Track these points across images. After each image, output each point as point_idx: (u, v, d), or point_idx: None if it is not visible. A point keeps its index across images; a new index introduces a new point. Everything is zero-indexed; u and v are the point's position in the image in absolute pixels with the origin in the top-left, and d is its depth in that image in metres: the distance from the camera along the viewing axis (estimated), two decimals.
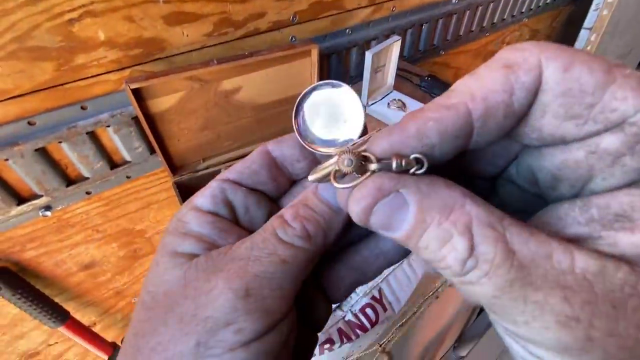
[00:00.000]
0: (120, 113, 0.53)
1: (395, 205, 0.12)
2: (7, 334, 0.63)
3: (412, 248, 0.13)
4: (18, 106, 0.45)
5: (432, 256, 0.12)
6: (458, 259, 0.11)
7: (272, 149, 0.18)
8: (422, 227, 0.12)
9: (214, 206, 0.17)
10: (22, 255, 0.57)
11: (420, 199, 0.12)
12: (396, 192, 0.12)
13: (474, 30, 1.04)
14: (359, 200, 0.13)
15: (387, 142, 0.12)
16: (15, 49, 0.42)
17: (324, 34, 0.68)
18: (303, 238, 0.15)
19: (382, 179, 0.12)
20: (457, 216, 0.11)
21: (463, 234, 0.11)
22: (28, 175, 0.50)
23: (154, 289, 0.15)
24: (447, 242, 0.11)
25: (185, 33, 0.53)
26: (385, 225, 0.13)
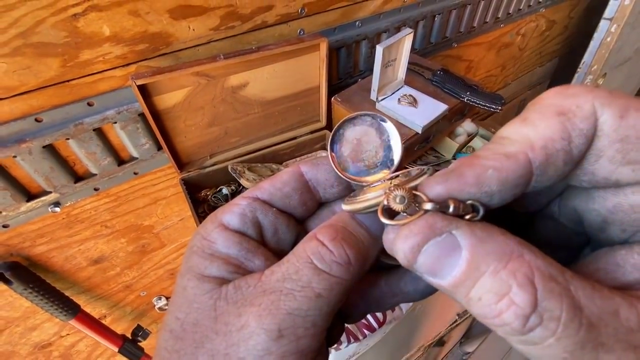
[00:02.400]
0: (126, 109, 0.52)
1: (446, 247, 0.11)
2: (20, 326, 0.64)
3: (460, 298, 0.11)
4: (24, 103, 0.45)
5: (485, 310, 0.11)
6: (519, 315, 0.10)
7: (306, 171, 0.17)
8: (475, 275, 0.11)
9: (243, 225, 0.16)
10: (33, 250, 0.58)
11: (475, 243, 0.11)
12: (448, 233, 0.11)
13: (488, 22, 1.00)
14: (408, 238, 0.12)
15: (443, 188, 0.12)
16: (20, 45, 0.41)
17: (333, 26, 0.67)
18: (342, 265, 0.14)
19: (435, 218, 0.12)
20: (517, 265, 0.10)
21: (524, 286, 0.10)
22: (36, 172, 0.50)
23: (183, 317, 0.14)
24: (504, 294, 0.10)
25: (191, 27, 0.51)
26: (432, 268, 0.11)
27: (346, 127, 0.17)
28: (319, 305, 0.13)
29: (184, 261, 0.16)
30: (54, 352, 0.73)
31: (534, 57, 1.41)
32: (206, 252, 0.15)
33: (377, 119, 0.17)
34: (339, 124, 0.17)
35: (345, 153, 0.17)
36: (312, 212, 0.18)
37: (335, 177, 0.17)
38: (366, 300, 0.18)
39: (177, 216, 0.72)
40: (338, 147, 0.17)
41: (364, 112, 0.17)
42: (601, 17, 1.31)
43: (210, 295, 0.14)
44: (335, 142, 0.17)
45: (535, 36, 1.30)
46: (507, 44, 1.19)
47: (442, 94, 0.65)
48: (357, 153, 0.17)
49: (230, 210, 0.16)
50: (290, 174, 0.17)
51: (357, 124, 0.17)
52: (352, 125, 0.17)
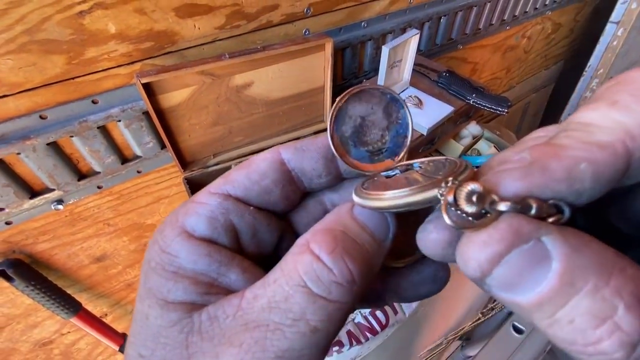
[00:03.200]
0: (131, 107, 0.52)
1: (533, 258, 0.09)
2: (21, 323, 0.64)
3: (538, 319, 0.09)
4: (29, 100, 0.45)
5: (576, 336, 0.08)
6: (624, 344, 0.08)
7: (288, 159, 0.14)
8: (568, 293, 0.08)
9: (212, 232, 0.13)
10: (35, 247, 0.58)
11: (569, 254, 0.09)
12: (536, 240, 0.09)
13: (494, 24, 1.00)
14: (487, 245, 0.09)
15: (523, 185, 0.10)
16: (26, 41, 0.41)
17: (338, 27, 0.66)
18: (344, 286, 0.11)
19: (520, 221, 0.09)
20: (621, 282, 0.08)
21: (633, 309, 0.08)
22: (40, 169, 0.50)
23: (149, 354, 0.12)
24: (607, 318, 0.08)
25: (196, 26, 0.51)
26: (511, 283, 0.09)
27: (350, 101, 0.14)
28: (316, 341, 0.11)
29: (142, 279, 0.13)
30: (55, 349, 0.73)
31: (539, 60, 1.41)
32: (167, 270, 0.12)
33: (386, 95, 0.14)
34: (342, 96, 0.14)
35: (347, 133, 0.14)
36: (295, 205, 0.15)
37: (324, 166, 0.14)
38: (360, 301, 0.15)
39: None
40: (339, 125, 0.14)
41: (375, 86, 0.14)
42: (607, 21, 1.30)
43: (179, 328, 0.11)
44: (338, 119, 0.14)
45: (541, 39, 1.30)
46: (512, 47, 1.18)
47: (447, 96, 0.65)
48: (360, 135, 0.14)
49: (195, 211, 0.13)
50: (268, 163, 0.14)
51: (363, 98, 0.14)
52: (357, 99, 0.14)
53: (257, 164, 0.14)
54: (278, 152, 0.14)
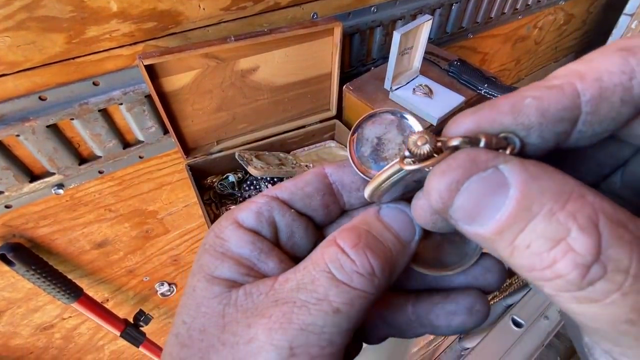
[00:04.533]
0: (133, 90, 0.51)
1: (491, 185, 0.09)
2: (22, 307, 0.64)
3: (501, 249, 0.09)
4: (28, 80, 0.44)
5: (534, 260, 0.09)
6: (577, 265, 0.08)
7: (330, 172, 0.16)
8: (525, 218, 0.09)
9: (258, 224, 0.15)
10: (36, 232, 0.57)
11: (527, 180, 0.09)
12: (494, 168, 0.09)
13: (506, 13, 0.97)
14: (445, 173, 0.10)
15: (473, 120, 0.10)
16: (25, 18, 0.40)
17: (347, 11, 0.64)
18: (365, 277, 0.12)
19: (478, 151, 0.10)
20: (578, 206, 0.08)
21: (586, 230, 0.08)
22: (40, 152, 0.49)
23: (190, 321, 0.13)
24: (561, 240, 0.08)
25: (202, 6, 0.49)
26: (471, 212, 0.09)
27: (365, 126, 0.16)
28: (337, 321, 0.12)
29: (196, 259, 0.15)
30: (56, 334, 0.73)
31: (549, 52, 1.37)
32: (217, 251, 0.14)
33: (397, 114, 0.16)
34: (357, 123, 0.16)
35: (366, 153, 0.16)
36: (333, 219, 0.17)
37: (362, 179, 0.16)
38: (389, 325, 0.16)
39: (182, 202, 0.71)
40: (358, 147, 0.16)
41: (384, 109, 0.16)
42: (621, 13, 1.27)
43: (219, 299, 0.13)
44: (356, 142, 0.16)
45: (553, 30, 1.26)
46: (523, 37, 1.15)
47: (458, 85, 0.63)
48: (379, 152, 0.16)
49: (247, 207, 0.15)
50: (313, 174, 0.16)
51: (376, 121, 0.16)
52: (371, 123, 0.16)
53: (304, 175, 0.16)
54: (323, 167, 0.16)
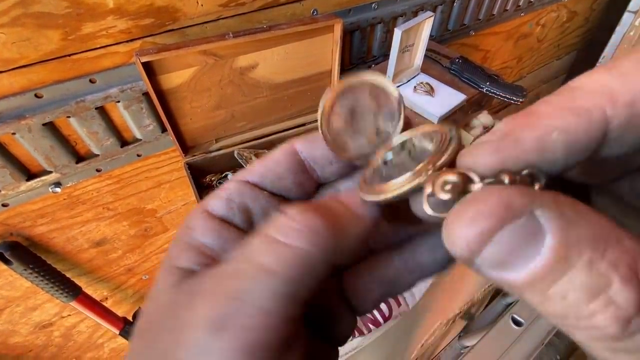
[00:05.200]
0: (130, 88, 0.50)
1: (526, 233, 0.08)
2: (20, 306, 0.64)
3: (530, 297, 0.09)
4: (24, 77, 0.43)
5: (569, 312, 0.08)
6: (619, 319, 0.08)
7: (301, 149, 0.15)
8: (563, 268, 0.08)
9: (228, 212, 0.14)
10: (33, 230, 0.56)
11: (563, 227, 0.08)
12: (530, 213, 0.08)
13: (508, 9, 0.96)
14: (475, 222, 0.08)
15: (495, 159, 0.09)
16: (20, 14, 0.39)
17: (347, 8, 0.63)
18: (303, 232, 0.11)
19: (510, 193, 0.08)
20: (617, 255, 0.08)
21: (629, 282, 0.08)
22: (36, 150, 0.48)
23: (147, 312, 0.13)
24: (600, 292, 0.08)
25: (200, 2, 0.49)
26: (502, 261, 0.08)
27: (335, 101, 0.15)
28: (271, 285, 0.10)
29: None
30: (55, 332, 0.73)
31: (552, 50, 1.36)
32: (183, 241, 0.14)
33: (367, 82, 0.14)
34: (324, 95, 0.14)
35: (339, 127, 0.15)
36: (310, 195, 0.16)
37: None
38: (379, 281, 0.15)
39: (181, 201, 0.70)
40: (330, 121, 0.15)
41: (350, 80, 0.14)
42: (625, 10, 1.25)
43: (175, 289, 0.12)
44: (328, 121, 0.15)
45: (555, 27, 1.25)
46: (525, 35, 1.14)
47: (459, 83, 0.62)
48: (353, 125, 0.15)
49: (218, 194, 0.15)
50: (283, 153, 0.15)
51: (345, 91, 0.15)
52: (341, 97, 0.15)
53: (273, 154, 0.15)
54: (292, 144, 0.15)
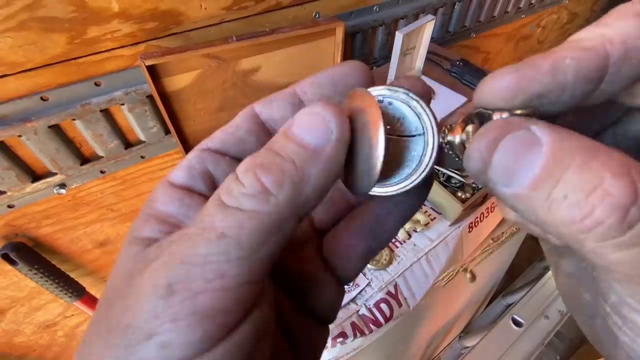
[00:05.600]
0: (134, 91, 0.51)
1: (525, 142, 0.10)
2: (25, 306, 0.64)
3: (539, 206, 0.10)
4: (30, 80, 0.44)
5: (573, 212, 0.09)
6: (615, 208, 0.08)
7: (260, 110, 0.15)
8: (559, 170, 0.09)
9: (190, 179, 0.14)
10: (38, 231, 0.57)
11: (557, 138, 0.10)
12: (526, 129, 0.10)
13: (509, 11, 0.96)
14: (484, 135, 0.11)
15: (513, 78, 0.11)
16: (26, 18, 0.40)
17: (349, 11, 0.64)
18: (255, 196, 0.11)
19: (512, 117, 0.11)
20: (606, 158, 0.09)
21: (621, 175, 0.09)
22: (42, 153, 0.49)
23: (107, 285, 0.12)
24: (596, 187, 0.09)
25: (203, 6, 0.49)
26: (508, 167, 0.10)
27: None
28: (224, 248, 0.10)
29: None
30: (59, 331, 0.73)
31: None
32: (145, 212, 0.13)
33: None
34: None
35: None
36: None
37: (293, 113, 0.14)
38: (360, 234, 0.15)
39: None
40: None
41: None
42: None
43: (134, 259, 0.12)
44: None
45: (556, 29, 1.25)
46: (526, 36, 1.15)
47: (460, 86, 0.62)
48: None
49: (179, 165, 0.14)
50: (242, 116, 0.15)
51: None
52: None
53: (234, 119, 0.15)
54: (251, 106, 0.15)
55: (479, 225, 0.65)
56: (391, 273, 0.56)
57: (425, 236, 0.60)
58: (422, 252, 0.58)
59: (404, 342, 0.88)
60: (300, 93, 0.15)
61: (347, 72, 0.14)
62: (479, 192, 0.57)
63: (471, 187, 0.59)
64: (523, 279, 1.60)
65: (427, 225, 0.61)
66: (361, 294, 0.54)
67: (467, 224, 0.62)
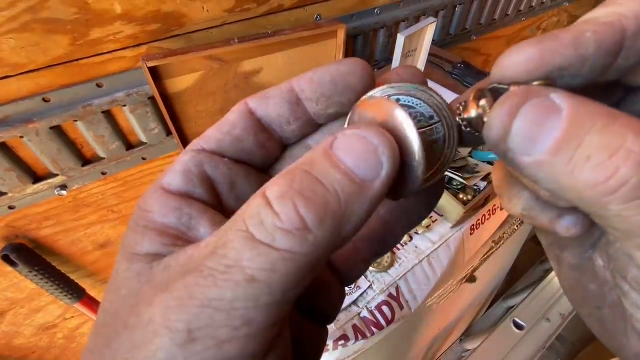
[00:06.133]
0: (136, 92, 0.51)
1: (545, 109, 0.10)
2: (25, 308, 0.64)
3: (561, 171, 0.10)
4: (32, 82, 0.44)
5: (596, 174, 0.09)
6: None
7: (255, 107, 0.14)
8: (581, 133, 0.09)
9: (187, 184, 0.12)
10: (39, 232, 0.57)
11: (576, 104, 0.10)
12: (546, 97, 0.10)
13: (510, 14, 0.97)
14: (505, 102, 0.11)
15: (537, 50, 0.11)
16: (29, 20, 0.40)
17: (350, 13, 0.64)
18: (292, 233, 0.09)
19: (531, 86, 0.11)
20: (627, 121, 0.09)
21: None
22: (43, 154, 0.49)
23: (108, 307, 0.11)
24: (620, 147, 0.09)
25: (205, 8, 0.49)
26: (529, 134, 0.10)
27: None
28: (253, 293, 0.09)
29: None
30: (59, 334, 0.73)
31: None
32: (140, 225, 0.12)
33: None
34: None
35: None
36: (276, 157, 0.15)
37: (290, 110, 0.14)
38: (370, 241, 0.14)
39: None
40: None
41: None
42: None
43: (138, 278, 0.11)
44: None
45: None
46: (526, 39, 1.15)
47: (462, 88, 0.63)
48: None
49: (172, 169, 0.13)
50: (237, 114, 0.13)
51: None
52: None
53: (227, 116, 0.14)
54: (245, 103, 0.14)
55: (480, 227, 0.65)
56: (393, 275, 0.56)
57: (426, 238, 0.60)
58: (424, 254, 0.58)
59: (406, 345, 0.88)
60: (298, 90, 0.14)
61: (348, 71, 0.13)
62: (480, 195, 0.57)
63: (472, 190, 0.59)
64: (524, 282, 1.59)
65: (428, 227, 0.60)
66: (363, 296, 0.54)
67: (468, 226, 0.62)
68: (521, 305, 1.26)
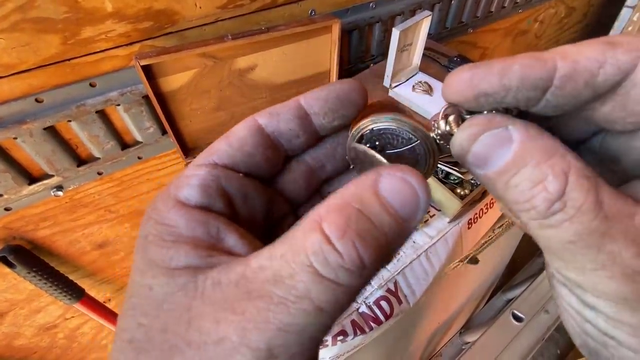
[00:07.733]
0: (130, 91, 0.50)
1: (500, 139, 0.12)
2: (24, 308, 0.64)
3: (499, 187, 0.13)
4: (24, 82, 0.43)
5: (519, 196, 0.12)
6: (547, 200, 0.11)
7: (265, 123, 0.15)
8: (520, 165, 0.12)
9: (207, 199, 0.13)
10: (36, 233, 0.57)
11: (526, 139, 0.12)
12: (504, 128, 0.12)
13: (506, 7, 0.96)
14: (468, 127, 0.13)
15: (469, 74, 0.12)
16: (19, 19, 0.39)
17: (345, 7, 0.63)
18: (353, 271, 0.11)
19: (495, 115, 0.13)
20: (556, 161, 0.11)
21: (558, 177, 0.11)
22: (38, 155, 0.49)
23: (148, 322, 0.11)
24: (540, 182, 0.11)
25: (198, 5, 0.49)
26: (483, 156, 0.13)
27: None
28: (320, 320, 0.11)
29: (139, 255, 0.13)
30: (59, 333, 0.73)
31: (550, 46, 1.36)
32: (167, 240, 0.12)
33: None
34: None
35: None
36: (279, 168, 0.16)
37: (300, 125, 0.15)
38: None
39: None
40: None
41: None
42: (623, 5, 1.25)
43: (184, 292, 0.11)
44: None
45: (554, 23, 1.25)
46: (523, 31, 1.14)
47: None
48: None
49: (187, 183, 0.13)
50: (247, 130, 0.15)
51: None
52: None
53: (236, 132, 0.15)
54: (254, 119, 0.15)
55: (478, 221, 0.65)
56: (391, 270, 0.56)
57: (424, 233, 0.60)
58: (422, 249, 0.58)
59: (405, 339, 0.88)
60: (307, 106, 0.15)
61: (350, 89, 0.15)
62: (477, 189, 0.57)
63: (470, 184, 0.59)
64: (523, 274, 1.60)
65: (426, 222, 0.60)
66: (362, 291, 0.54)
67: (466, 220, 0.62)
68: (520, 298, 1.26)
